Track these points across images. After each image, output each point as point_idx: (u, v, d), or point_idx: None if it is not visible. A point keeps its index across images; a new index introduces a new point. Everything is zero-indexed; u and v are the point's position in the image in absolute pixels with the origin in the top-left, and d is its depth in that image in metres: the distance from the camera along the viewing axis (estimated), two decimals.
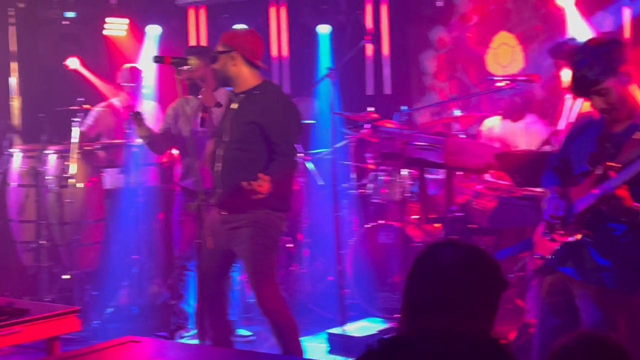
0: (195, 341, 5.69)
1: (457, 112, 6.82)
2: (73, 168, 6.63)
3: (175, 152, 6.85)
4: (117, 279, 6.77)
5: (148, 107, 6.94)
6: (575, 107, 6.03)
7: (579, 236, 3.94)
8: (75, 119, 6.62)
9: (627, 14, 5.86)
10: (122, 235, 6.80)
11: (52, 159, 6.83)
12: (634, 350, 2.87)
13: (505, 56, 7.63)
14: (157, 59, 5.34)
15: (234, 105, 5.00)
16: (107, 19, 8.28)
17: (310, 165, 7.25)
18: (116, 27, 8.33)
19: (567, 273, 4.00)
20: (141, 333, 5.64)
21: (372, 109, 6.91)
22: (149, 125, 6.14)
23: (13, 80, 8.07)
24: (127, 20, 8.35)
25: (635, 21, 5.85)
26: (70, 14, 8.19)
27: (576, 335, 2.32)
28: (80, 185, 6.74)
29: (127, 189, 6.75)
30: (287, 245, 6.91)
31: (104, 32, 8.28)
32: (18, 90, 8.08)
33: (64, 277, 6.75)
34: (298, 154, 5.32)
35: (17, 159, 7.03)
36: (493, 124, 6.74)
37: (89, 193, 6.84)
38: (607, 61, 3.82)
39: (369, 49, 7.75)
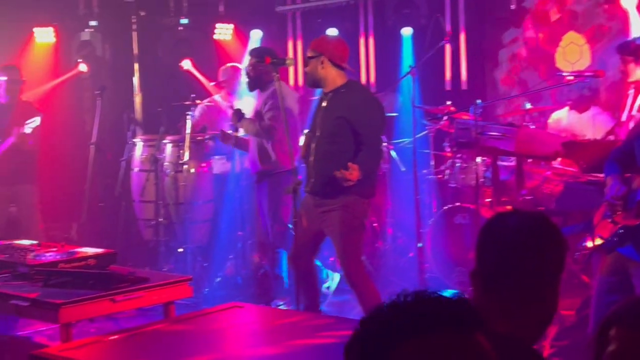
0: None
1: (528, 105, 6.70)
2: (186, 155, 6.73)
3: None
4: (224, 252, 6.82)
5: (246, 103, 7.04)
6: (637, 101, 5.88)
7: (637, 221, 3.85)
8: (188, 113, 6.73)
9: None
10: (228, 214, 6.85)
11: (168, 147, 6.95)
12: None
13: (573, 54, 7.44)
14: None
15: (324, 104, 5.02)
16: (216, 25, 8.38)
17: (393, 153, 7.21)
18: (223, 31, 8.40)
19: (626, 253, 3.91)
20: (245, 299, 5.74)
21: (450, 102, 6.84)
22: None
23: (135, 79, 8.27)
24: (232, 26, 8.42)
25: None
26: (184, 21, 8.29)
27: (624, 301, 2.23)
28: (192, 170, 6.84)
29: (232, 173, 6.81)
30: (373, 224, 6.93)
31: (214, 36, 8.35)
32: (139, 88, 8.24)
33: (178, 250, 6.85)
34: (383, 144, 5.32)
35: (139, 147, 7.17)
36: (560, 116, 6.60)
37: (199, 177, 6.94)
38: None
39: (448, 48, 7.66)
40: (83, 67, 8.04)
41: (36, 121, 6.63)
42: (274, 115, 5.86)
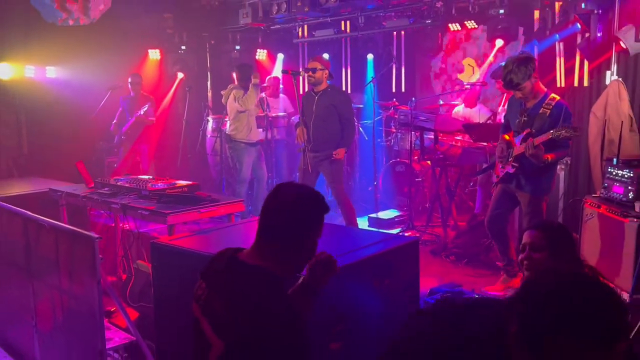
0: None
1: (441, 102, 6.68)
2: None
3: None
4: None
5: (281, 99, 6.98)
6: (503, 101, 5.84)
7: (512, 170, 3.89)
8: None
9: (535, 49, 5.62)
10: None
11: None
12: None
13: (468, 71, 7.40)
14: (284, 72, 5.37)
15: (317, 98, 5.01)
16: (257, 50, 8.25)
17: (360, 129, 7.21)
18: (261, 54, 8.29)
19: (511, 185, 3.97)
20: None
21: (395, 99, 6.80)
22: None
23: (209, 82, 8.17)
24: (266, 51, 8.31)
25: (541, 54, 5.60)
26: (237, 47, 8.16)
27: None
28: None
29: (266, 140, 6.80)
30: (347, 170, 6.92)
31: (256, 57, 8.23)
32: (211, 87, 8.17)
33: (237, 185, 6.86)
34: (355, 123, 5.32)
35: (210, 122, 7.10)
36: (458, 110, 6.59)
37: None
38: (525, 70, 3.69)
39: (394, 67, 7.59)
40: (180, 75, 7.93)
41: (145, 107, 6.56)
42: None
